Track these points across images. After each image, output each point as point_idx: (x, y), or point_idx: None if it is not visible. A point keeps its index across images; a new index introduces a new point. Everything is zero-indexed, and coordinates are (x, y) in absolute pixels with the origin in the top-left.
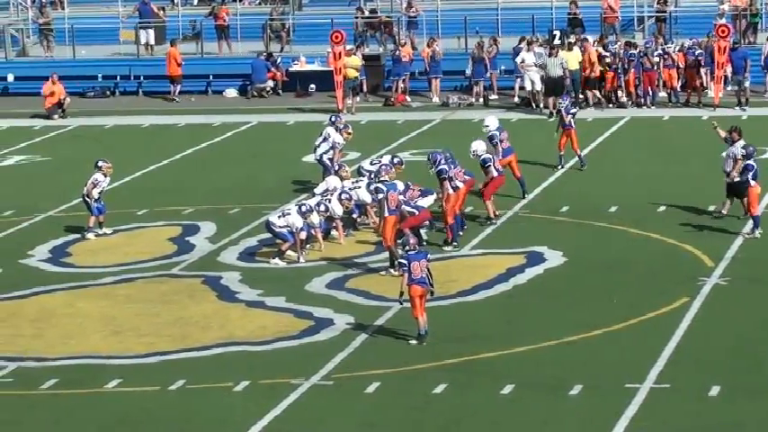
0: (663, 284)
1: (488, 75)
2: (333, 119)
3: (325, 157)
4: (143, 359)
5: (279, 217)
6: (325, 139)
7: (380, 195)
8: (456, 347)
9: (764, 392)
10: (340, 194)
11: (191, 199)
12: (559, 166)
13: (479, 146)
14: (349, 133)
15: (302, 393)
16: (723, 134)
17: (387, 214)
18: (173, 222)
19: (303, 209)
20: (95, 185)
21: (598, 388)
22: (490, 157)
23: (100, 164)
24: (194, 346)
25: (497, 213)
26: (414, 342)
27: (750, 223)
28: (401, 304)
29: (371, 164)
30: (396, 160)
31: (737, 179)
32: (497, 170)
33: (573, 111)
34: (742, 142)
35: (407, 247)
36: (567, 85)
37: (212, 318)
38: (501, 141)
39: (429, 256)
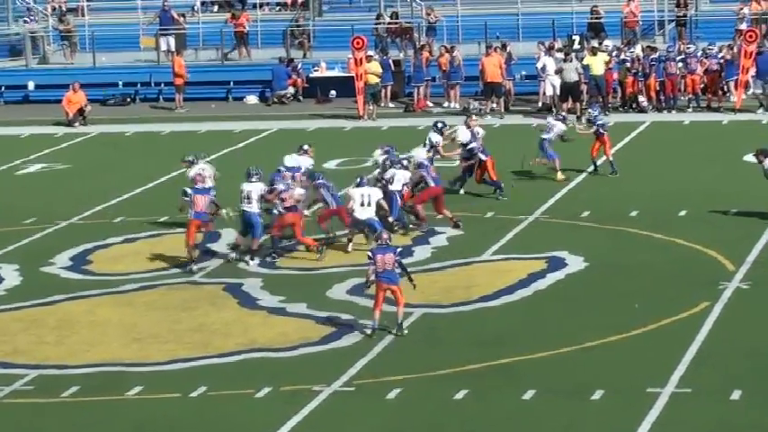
0: (684, 289)
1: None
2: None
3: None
4: (164, 366)
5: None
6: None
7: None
8: (477, 353)
9: None
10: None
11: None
12: (590, 170)
13: (418, 152)
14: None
15: (323, 400)
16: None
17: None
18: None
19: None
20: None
21: (620, 393)
22: (426, 165)
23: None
24: (216, 352)
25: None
26: (368, 331)
27: None
28: (367, 287)
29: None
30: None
31: None
32: (433, 179)
33: (600, 121)
34: None
35: (380, 241)
36: (592, 90)
37: (233, 324)
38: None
39: (398, 251)
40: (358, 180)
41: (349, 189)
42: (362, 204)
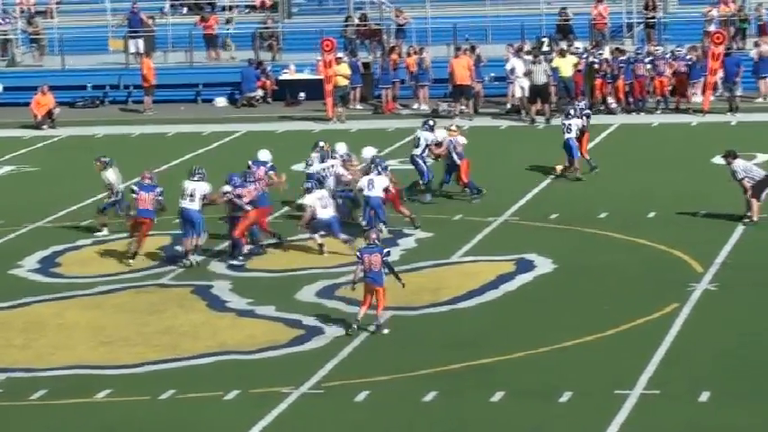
0: (653, 290)
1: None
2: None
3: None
4: (133, 369)
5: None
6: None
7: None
8: (446, 355)
9: (754, 397)
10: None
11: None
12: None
13: (367, 152)
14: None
15: (292, 402)
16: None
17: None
18: (163, 232)
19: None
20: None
21: (588, 394)
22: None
23: None
24: (184, 355)
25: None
26: (352, 330)
27: None
28: (353, 290)
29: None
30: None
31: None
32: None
33: (587, 111)
34: (739, 161)
35: (368, 241)
36: (561, 92)
37: (202, 327)
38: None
39: (384, 251)
40: (309, 185)
41: (303, 200)
42: (323, 207)
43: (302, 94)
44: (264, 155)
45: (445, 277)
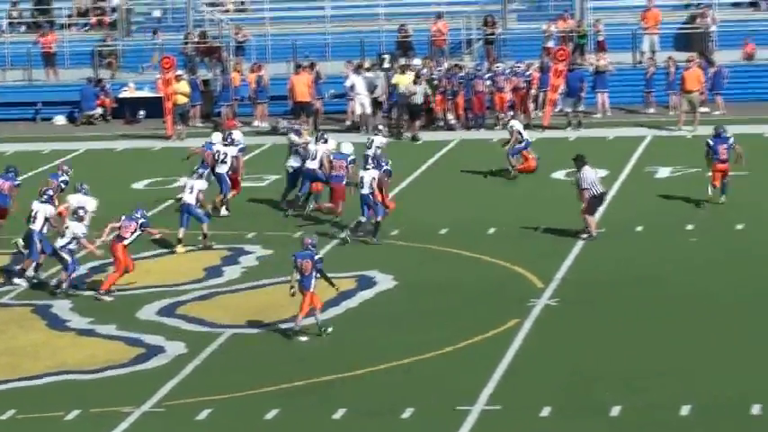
0: (494, 306)
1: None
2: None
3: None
4: None
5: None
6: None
7: None
8: (288, 372)
9: (595, 411)
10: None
11: (18, 227)
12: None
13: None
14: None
15: (133, 421)
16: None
17: None
18: (1, 251)
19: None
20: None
21: (430, 411)
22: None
23: None
24: (24, 375)
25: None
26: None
27: None
28: (292, 295)
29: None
30: None
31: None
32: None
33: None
34: (588, 171)
35: (303, 246)
36: (402, 108)
37: (42, 347)
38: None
39: (316, 257)
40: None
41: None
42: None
43: (142, 112)
44: (216, 137)
45: (287, 295)
